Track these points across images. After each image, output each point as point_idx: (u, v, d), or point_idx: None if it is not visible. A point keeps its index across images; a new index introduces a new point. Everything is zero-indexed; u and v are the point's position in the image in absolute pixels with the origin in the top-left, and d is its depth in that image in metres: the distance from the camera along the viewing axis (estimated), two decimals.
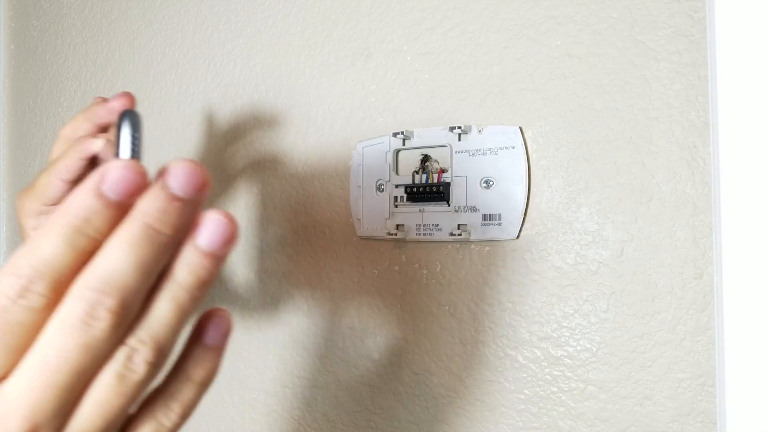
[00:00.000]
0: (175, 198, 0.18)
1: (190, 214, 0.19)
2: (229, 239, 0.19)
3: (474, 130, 0.43)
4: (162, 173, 0.19)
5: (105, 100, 0.40)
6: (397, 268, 0.47)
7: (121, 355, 0.18)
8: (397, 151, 0.47)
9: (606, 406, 0.39)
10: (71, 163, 0.37)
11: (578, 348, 0.39)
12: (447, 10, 0.45)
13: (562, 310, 0.40)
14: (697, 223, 0.36)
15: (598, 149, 0.39)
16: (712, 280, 0.35)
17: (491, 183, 0.42)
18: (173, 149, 0.63)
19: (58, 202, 0.37)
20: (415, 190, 0.45)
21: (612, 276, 0.38)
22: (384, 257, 0.48)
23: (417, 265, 0.46)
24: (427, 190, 0.44)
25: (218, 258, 0.19)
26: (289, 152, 0.54)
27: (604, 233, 0.39)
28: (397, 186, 0.46)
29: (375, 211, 0.47)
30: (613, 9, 0.38)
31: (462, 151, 0.43)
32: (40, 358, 0.17)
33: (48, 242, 0.17)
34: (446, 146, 0.44)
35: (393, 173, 0.46)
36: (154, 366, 0.19)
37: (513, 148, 0.41)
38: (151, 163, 0.64)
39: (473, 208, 0.42)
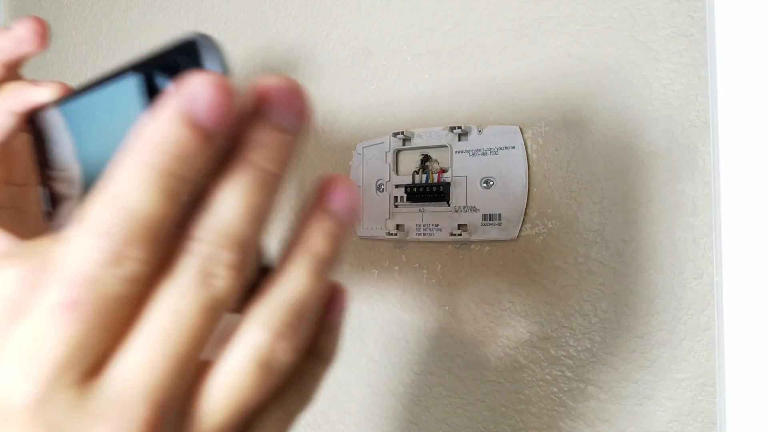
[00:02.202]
0: (284, 130, 0.15)
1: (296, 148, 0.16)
2: (355, 210, 0.17)
3: (474, 130, 0.43)
4: (262, 99, 0.15)
5: (5, 28, 0.29)
6: (397, 268, 0.47)
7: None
8: (397, 151, 0.47)
9: (606, 406, 0.39)
10: (1, 121, 0.26)
11: (578, 348, 0.39)
12: (447, 10, 0.45)
13: (562, 310, 0.40)
14: (697, 223, 0.36)
15: (598, 149, 0.39)
16: (712, 280, 0.35)
17: (491, 183, 0.42)
18: None
19: None
20: (415, 190, 0.45)
21: (612, 276, 0.38)
22: (384, 257, 0.48)
23: (417, 265, 0.46)
24: (427, 190, 0.44)
25: (346, 230, 0.17)
26: None
27: (604, 233, 0.39)
28: (397, 186, 0.46)
29: (375, 211, 0.47)
30: (613, 9, 0.38)
31: (462, 151, 0.43)
32: (153, 330, 0.15)
33: (139, 192, 0.14)
34: (446, 146, 0.44)
35: (393, 173, 0.46)
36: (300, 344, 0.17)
37: (513, 148, 0.41)
38: None
39: (473, 208, 0.42)
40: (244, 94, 0.15)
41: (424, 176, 0.45)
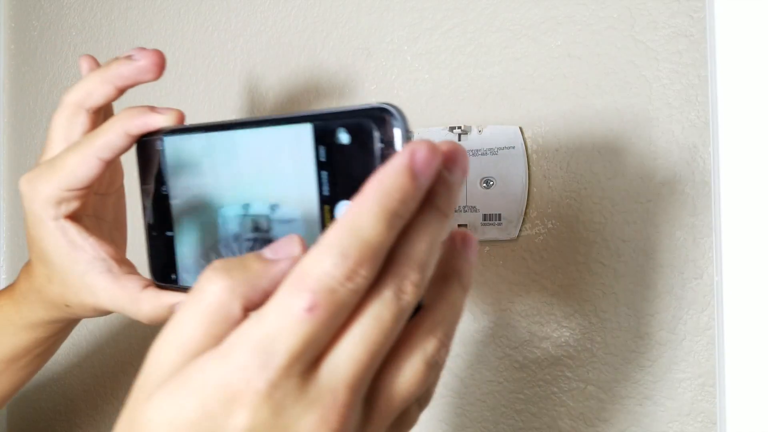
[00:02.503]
0: (458, 186, 0.21)
1: None
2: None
3: (474, 130, 0.43)
4: (447, 160, 0.20)
5: (128, 57, 0.32)
6: None
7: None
8: None
9: (606, 406, 0.39)
10: (116, 140, 0.29)
11: (578, 348, 0.39)
12: (447, 10, 0.45)
13: (562, 310, 0.40)
14: (697, 223, 0.36)
15: (598, 149, 0.39)
16: (712, 280, 0.35)
17: (491, 183, 0.42)
18: None
19: (88, 185, 0.30)
20: None
21: (612, 276, 0.38)
22: None
23: None
24: None
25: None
26: None
27: (604, 233, 0.39)
28: None
29: None
30: (613, 9, 0.38)
31: None
32: (359, 332, 0.19)
33: (373, 225, 0.18)
34: None
35: None
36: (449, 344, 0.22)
37: (513, 148, 0.41)
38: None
39: (473, 208, 0.42)
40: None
41: None
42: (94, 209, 0.35)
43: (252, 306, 0.19)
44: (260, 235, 0.26)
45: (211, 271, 0.19)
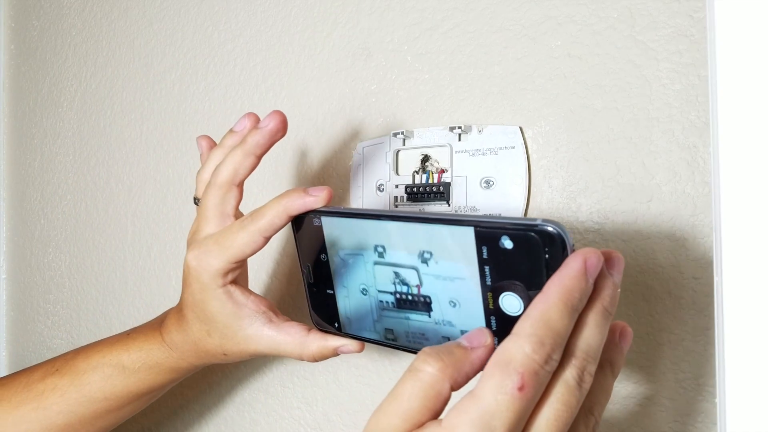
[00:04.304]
0: (618, 285, 0.25)
1: None
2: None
3: (474, 130, 0.43)
4: (609, 264, 0.25)
5: (256, 128, 0.37)
6: None
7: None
8: (397, 151, 0.47)
9: (606, 406, 0.39)
10: (277, 221, 0.34)
11: None
12: (447, 10, 0.45)
13: None
14: (697, 223, 0.36)
15: (598, 149, 0.39)
16: (712, 280, 0.35)
17: (491, 183, 0.42)
18: (173, 149, 0.63)
19: (248, 257, 0.35)
20: (415, 190, 0.45)
21: None
22: None
23: None
24: (427, 190, 0.44)
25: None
26: (289, 152, 0.54)
27: (604, 233, 0.39)
28: (397, 186, 0.46)
29: None
30: (613, 9, 0.38)
31: (462, 151, 0.43)
32: (554, 413, 0.22)
33: (560, 318, 0.22)
34: (446, 146, 0.44)
35: (393, 173, 0.46)
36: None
37: (513, 148, 0.41)
38: (150, 164, 0.64)
39: (473, 208, 0.42)
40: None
41: (424, 176, 0.45)
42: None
43: (456, 386, 0.23)
44: (421, 308, 0.31)
45: (425, 354, 0.23)
